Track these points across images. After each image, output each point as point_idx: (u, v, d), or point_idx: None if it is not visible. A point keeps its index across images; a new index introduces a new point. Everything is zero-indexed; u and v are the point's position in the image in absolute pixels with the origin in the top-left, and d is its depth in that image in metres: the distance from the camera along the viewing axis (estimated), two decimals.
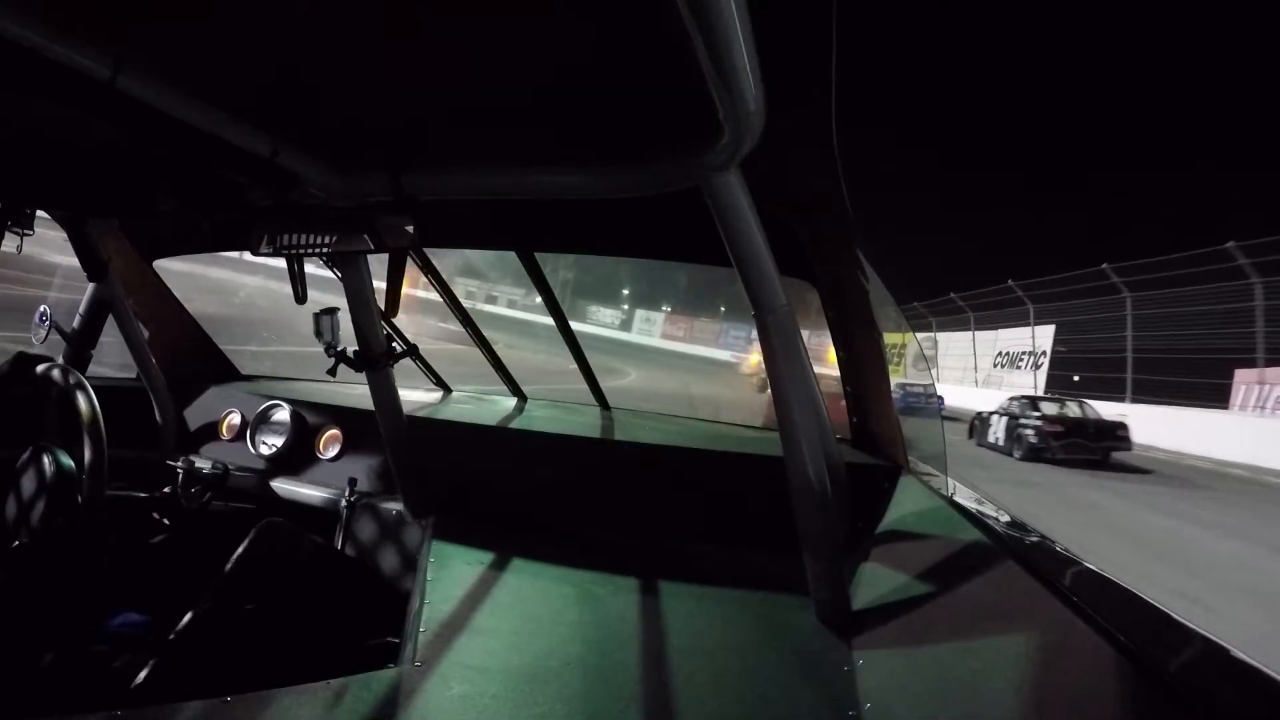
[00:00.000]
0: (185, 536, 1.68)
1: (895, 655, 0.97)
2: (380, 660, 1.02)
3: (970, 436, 12.97)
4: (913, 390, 2.26)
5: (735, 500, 1.56)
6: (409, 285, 1.35)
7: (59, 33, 0.67)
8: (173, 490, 1.70)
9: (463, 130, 0.99)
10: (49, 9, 0.65)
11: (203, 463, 1.77)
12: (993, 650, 0.83)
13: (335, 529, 1.70)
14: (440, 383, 2.42)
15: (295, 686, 0.86)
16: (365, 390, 1.45)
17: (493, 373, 2.36)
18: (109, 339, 1.90)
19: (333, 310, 1.33)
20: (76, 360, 1.83)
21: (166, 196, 1.31)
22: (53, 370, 1.40)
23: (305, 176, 1.05)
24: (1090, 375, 17.66)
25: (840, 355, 1.59)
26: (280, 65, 0.81)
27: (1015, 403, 12.16)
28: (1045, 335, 20.71)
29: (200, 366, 2.23)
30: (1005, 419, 11.86)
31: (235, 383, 2.26)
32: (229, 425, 2.00)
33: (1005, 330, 22.86)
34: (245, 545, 1.34)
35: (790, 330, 1.02)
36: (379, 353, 1.36)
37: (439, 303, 2.07)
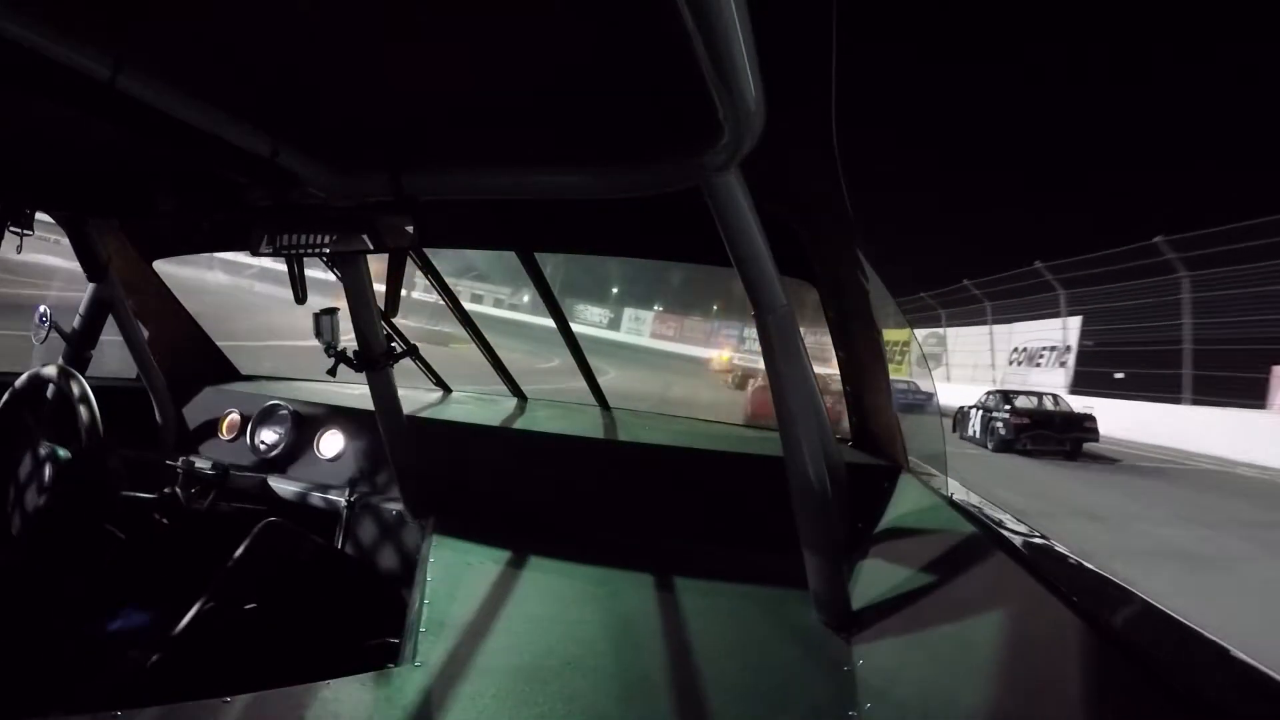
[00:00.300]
0: (185, 537, 1.68)
1: (895, 654, 0.98)
2: (380, 660, 1.02)
3: (954, 430, 13.25)
4: (912, 390, 2.26)
5: (735, 500, 1.56)
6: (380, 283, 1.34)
7: (59, 33, 0.67)
8: (173, 490, 1.70)
9: (463, 130, 0.99)
10: (49, 9, 0.65)
11: (203, 463, 1.77)
12: (992, 649, 0.83)
13: (335, 529, 1.70)
14: (440, 383, 2.42)
15: (295, 686, 0.86)
16: (365, 390, 1.45)
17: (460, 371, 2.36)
18: (108, 338, 1.91)
19: (333, 310, 1.33)
20: (76, 361, 1.84)
21: (166, 196, 1.31)
22: (52, 371, 1.40)
23: (305, 176, 1.05)
24: (1139, 371, 15.66)
25: (840, 355, 1.59)
26: (280, 65, 0.81)
27: (990, 397, 12.53)
28: (1068, 329, 19.02)
29: (200, 366, 2.23)
30: (981, 412, 12.28)
31: (235, 383, 2.26)
32: (229, 425, 2.00)
33: (1022, 324, 21.09)
34: (245, 545, 1.34)
35: (790, 330, 1.02)
36: (379, 353, 1.36)
37: (418, 302, 2.07)
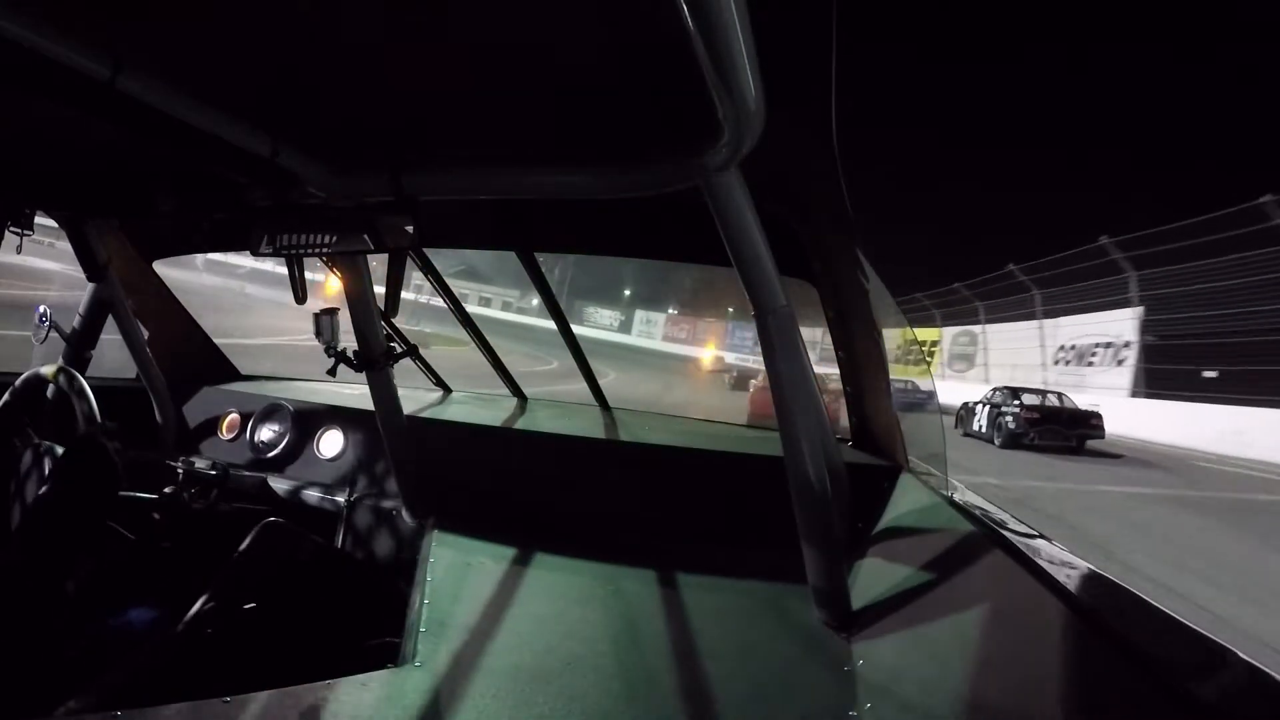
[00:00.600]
0: (185, 537, 1.68)
1: (895, 653, 0.98)
2: (380, 660, 1.02)
3: (956, 426, 13.41)
4: (912, 389, 2.26)
5: (736, 500, 1.56)
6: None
7: (59, 33, 0.67)
8: (173, 490, 1.70)
9: (463, 130, 0.99)
10: (49, 9, 0.65)
11: (203, 463, 1.77)
12: (992, 648, 0.83)
13: (335, 529, 1.70)
14: (440, 383, 2.42)
15: (295, 686, 0.86)
16: (365, 390, 1.45)
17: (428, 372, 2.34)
18: (108, 337, 1.91)
19: (333, 310, 1.33)
20: (76, 361, 1.84)
21: (166, 196, 1.31)
22: (51, 370, 1.40)
23: (305, 176, 1.05)
24: (1233, 368, 13.10)
25: (840, 355, 1.59)
26: (280, 65, 0.81)
27: (997, 393, 12.84)
28: (1122, 321, 16.63)
29: (200, 366, 2.23)
30: (988, 408, 12.56)
31: (235, 383, 2.26)
32: (229, 425, 2.00)
33: (1068, 318, 18.96)
34: (245, 545, 1.34)
35: (790, 330, 1.02)
36: (379, 353, 1.36)
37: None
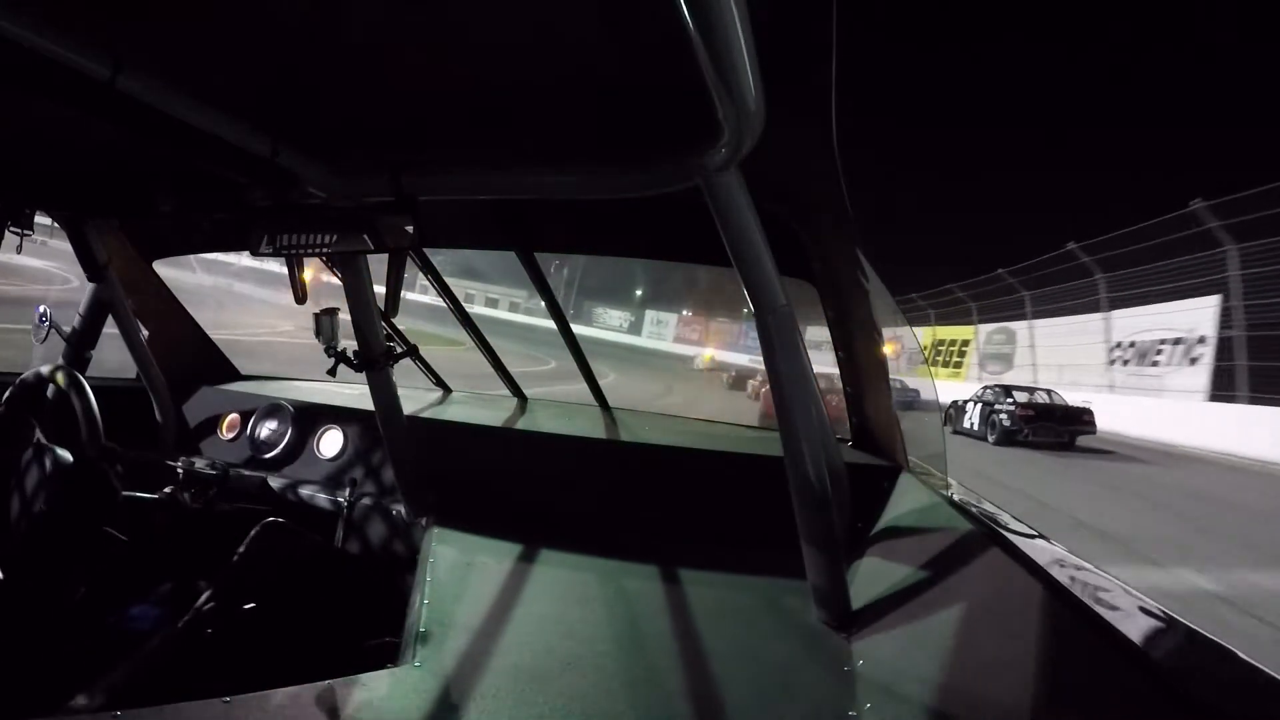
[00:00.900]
0: (185, 537, 1.68)
1: (895, 653, 0.98)
2: (380, 660, 1.02)
3: (945, 424, 13.43)
4: (911, 390, 2.26)
5: (735, 500, 1.56)
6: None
7: (59, 33, 0.67)
8: (173, 490, 1.70)
9: (463, 130, 0.99)
10: (49, 9, 0.65)
11: (202, 463, 1.77)
12: (992, 648, 0.83)
13: (335, 529, 1.70)
14: (440, 383, 2.42)
15: (295, 686, 0.86)
16: (365, 390, 1.45)
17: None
18: (109, 333, 1.91)
19: (333, 310, 1.33)
20: (76, 360, 1.84)
21: (166, 196, 1.31)
22: (51, 370, 1.40)
23: (305, 176, 1.05)
24: None
25: (840, 355, 1.59)
26: (280, 65, 0.81)
27: (989, 391, 13.07)
28: (1186, 312, 14.40)
29: (200, 366, 2.23)
30: (980, 406, 12.75)
31: (235, 383, 2.26)
32: (229, 425, 2.00)
33: (1122, 309, 16.43)
34: (245, 545, 1.34)
35: (790, 330, 1.02)
36: (379, 353, 1.36)
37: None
